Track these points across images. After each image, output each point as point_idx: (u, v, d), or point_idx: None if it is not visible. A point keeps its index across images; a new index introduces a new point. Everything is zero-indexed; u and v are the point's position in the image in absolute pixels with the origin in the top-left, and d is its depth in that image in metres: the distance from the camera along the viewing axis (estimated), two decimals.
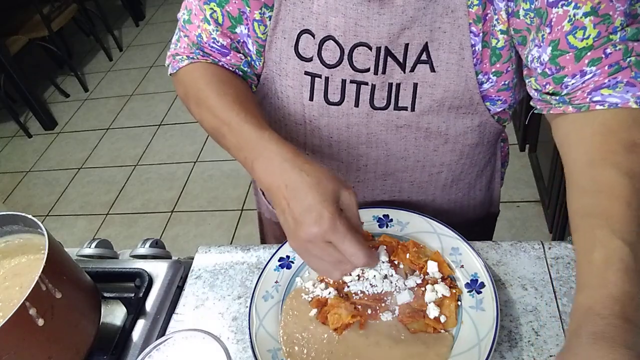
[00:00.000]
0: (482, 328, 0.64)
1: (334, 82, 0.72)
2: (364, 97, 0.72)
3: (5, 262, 0.74)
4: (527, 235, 2.06)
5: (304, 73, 0.72)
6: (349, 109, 0.74)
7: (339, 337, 0.67)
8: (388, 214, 0.81)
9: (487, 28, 0.65)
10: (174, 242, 2.44)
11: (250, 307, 0.70)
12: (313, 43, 0.70)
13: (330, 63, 0.70)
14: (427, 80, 0.69)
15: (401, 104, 0.72)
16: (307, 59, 0.71)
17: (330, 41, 0.69)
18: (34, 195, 2.98)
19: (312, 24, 0.69)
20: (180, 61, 0.77)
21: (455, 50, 0.67)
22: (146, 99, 3.57)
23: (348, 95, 0.73)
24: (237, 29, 0.73)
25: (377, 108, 0.73)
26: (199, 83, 0.74)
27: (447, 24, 0.65)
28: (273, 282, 0.74)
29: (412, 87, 0.70)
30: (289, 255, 0.77)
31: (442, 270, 0.71)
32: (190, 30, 0.75)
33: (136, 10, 4.55)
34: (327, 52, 0.70)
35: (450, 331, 0.65)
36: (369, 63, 0.69)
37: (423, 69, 0.69)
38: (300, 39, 0.70)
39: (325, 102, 0.74)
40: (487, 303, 0.66)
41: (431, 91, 0.70)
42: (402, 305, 0.68)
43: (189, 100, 0.76)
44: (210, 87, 0.72)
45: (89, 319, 0.71)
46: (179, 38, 0.78)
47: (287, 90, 0.75)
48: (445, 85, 0.69)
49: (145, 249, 0.88)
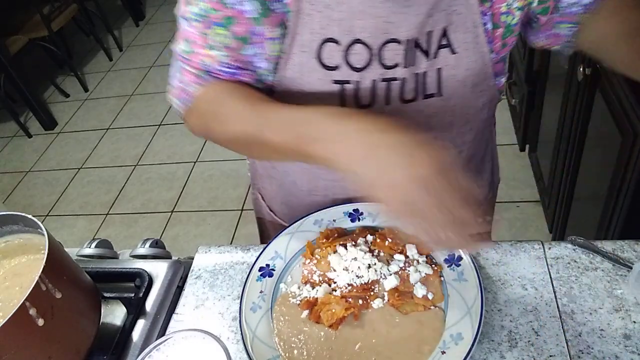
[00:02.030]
0: (468, 297, 0.67)
1: (364, 85, 0.71)
2: (394, 94, 0.72)
3: (5, 262, 0.74)
4: (527, 235, 2.06)
5: (332, 82, 0.70)
6: (380, 108, 0.73)
7: (335, 333, 0.68)
8: (358, 208, 0.83)
9: (496, 9, 0.69)
10: (174, 242, 2.44)
11: (240, 321, 0.70)
12: (338, 50, 0.68)
13: (359, 66, 0.69)
14: (449, 63, 0.71)
15: (428, 91, 0.73)
16: (333, 68, 0.69)
17: (357, 45, 0.68)
18: (34, 195, 2.98)
19: (334, 31, 0.67)
20: (194, 91, 0.71)
21: (470, 29, 0.69)
22: (146, 99, 3.57)
23: (379, 94, 0.72)
24: (244, 51, 0.69)
25: (406, 101, 0.73)
26: (218, 100, 0.69)
27: (461, 6, 0.67)
28: (258, 292, 0.74)
29: (436, 72, 0.72)
30: (268, 264, 0.77)
31: (421, 250, 0.74)
32: (193, 59, 0.70)
33: (136, 10, 4.55)
34: (355, 56, 0.68)
35: (440, 306, 0.69)
36: (398, 58, 0.69)
37: (444, 53, 0.70)
38: (323, 49, 0.68)
39: (357, 106, 0.72)
40: (467, 273, 0.70)
41: (454, 72, 0.72)
42: (390, 290, 0.70)
43: (211, 124, 0.70)
44: (233, 98, 0.68)
45: (89, 319, 0.71)
46: (180, 70, 0.72)
47: (314, 102, 0.70)
48: (466, 65, 0.72)
49: (145, 249, 0.88)
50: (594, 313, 0.67)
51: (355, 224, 0.81)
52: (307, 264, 0.76)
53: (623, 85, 1.15)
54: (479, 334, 0.63)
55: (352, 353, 0.66)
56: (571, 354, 0.63)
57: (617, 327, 0.65)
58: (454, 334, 0.65)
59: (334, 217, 0.82)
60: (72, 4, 3.69)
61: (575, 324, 0.66)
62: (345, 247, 0.75)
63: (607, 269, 0.71)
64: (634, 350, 0.62)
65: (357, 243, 0.75)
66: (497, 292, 0.71)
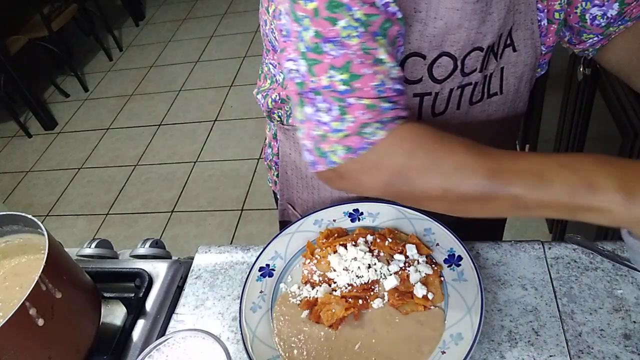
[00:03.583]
0: (468, 297, 0.67)
1: (442, 95, 0.71)
2: (465, 98, 0.73)
3: (5, 262, 0.74)
4: (527, 235, 2.06)
5: (412, 96, 0.69)
6: (452, 114, 0.73)
7: (335, 333, 0.68)
8: (358, 207, 0.83)
9: (550, 6, 0.71)
10: (174, 242, 2.44)
11: (240, 321, 0.70)
12: (423, 64, 0.66)
13: (441, 78, 0.68)
14: (511, 60, 0.73)
15: (492, 90, 0.74)
16: (416, 81, 0.67)
17: (443, 57, 0.66)
18: (34, 195, 2.98)
19: (423, 46, 0.64)
20: (374, 134, 0.54)
21: (528, 26, 0.71)
22: (146, 99, 3.57)
23: (452, 101, 0.72)
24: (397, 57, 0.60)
25: (474, 103, 0.74)
26: (438, 146, 0.54)
27: (522, 4, 0.69)
28: (258, 293, 0.74)
29: (500, 72, 0.73)
30: (268, 264, 0.77)
31: (421, 251, 0.74)
32: (363, 86, 0.54)
33: (136, 10, 4.55)
34: (439, 69, 0.67)
35: (440, 306, 0.69)
36: (477, 64, 0.69)
37: (508, 52, 0.72)
38: (407, 63, 0.65)
39: (432, 115, 0.72)
40: (468, 273, 0.70)
41: (514, 70, 0.73)
42: (390, 290, 0.70)
43: (423, 180, 0.54)
44: (458, 147, 0.54)
45: (89, 319, 0.71)
46: (339, 110, 0.54)
47: None
48: (524, 60, 0.73)
49: (145, 249, 0.88)
50: (594, 313, 0.67)
51: (355, 224, 0.81)
52: (307, 264, 0.76)
53: (623, 85, 1.15)
54: (479, 334, 0.63)
55: (352, 353, 0.66)
56: (571, 354, 0.63)
57: (617, 327, 0.65)
58: (454, 334, 0.65)
59: (334, 217, 0.82)
60: (72, 4, 3.69)
61: (575, 324, 0.66)
62: (345, 247, 0.75)
63: (607, 269, 0.71)
64: (634, 350, 0.62)
65: (357, 243, 0.75)
66: (497, 292, 0.71)
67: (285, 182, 0.95)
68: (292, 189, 0.94)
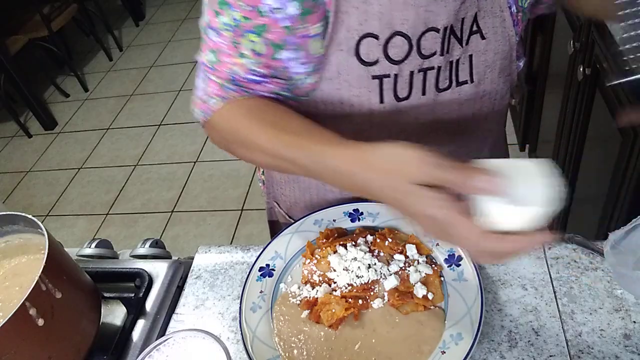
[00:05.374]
0: (468, 297, 0.68)
1: (402, 77, 0.70)
2: (430, 83, 0.72)
3: (5, 262, 0.74)
4: None
5: (371, 78, 0.70)
6: (417, 99, 0.73)
7: (335, 333, 0.68)
8: (358, 207, 0.83)
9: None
10: (174, 242, 2.44)
11: (240, 321, 0.70)
12: (377, 44, 0.67)
13: (398, 59, 0.69)
14: (480, 48, 0.72)
15: (461, 78, 0.74)
16: (372, 63, 0.68)
17: (396, 37, 0.67)
18: (34, 195, 2.98)
19: (373, 26, 0.66)
20: (214, 105, 0.71)
21: (497, 13, 0.71)
22: (146, 99, 3.57)
23: (415, 85, 0.72)
24: (281, 54, 0.67)
25: (441, 90, 0.74)
26: (242, 124, 0.68)
27: None
28: (258, 293, 0.74)
29: (468, 59, 0.73)
30: (268, 264, 0.77)
31: (421, 250, 0.74)
32: (221, 69, 0.69)
33: (136, 10, 4.55)
34: (394, 49, 0.68)
35: (440, 306, 0.69)
36: (436, 46, 0.69)
37: (475, 39, 0.71)
38: (361, 45, 0.67)
39: (395, 99, 0.72)
40: (467, 273, 0.70)
41: (484, 58, 0.73)
42: (390, 290, 0.70)
43: (232, 145, 0.71)
44: (251, 124, 0.67)
45: (89, 319, 0.71)
46: (206, 80, 0.71)
47: (351, 99, 0.72)
48: (495, 48, 0.73)
49: (145, 249, 0.88)
50: (594, 313, 0.67)
51: (355, 224, 0.81)
52: (307, 264, 0.76)
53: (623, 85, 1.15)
54: (479, 334, 0.63)
55: (352, 353, 0.66)
56: (571, 354, 0.63)
57: (617, 327, 0.65)
58: (454, 334, 0.65)
59: (334, 217, 0.82)
60: (72, 4, 3.69)
61: (575, 324, 0.66)
62: (345, 247, 0.75)
63: (607, 269, 0.71)
64: (634, 350, 0.62)
65: (357, 243, 0.75)
66: (497, 292, 0.71)
67: (270, 179, 0.97)
68: (276, 185, 0.96)
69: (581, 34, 1.40)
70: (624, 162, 1.18)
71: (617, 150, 1.20)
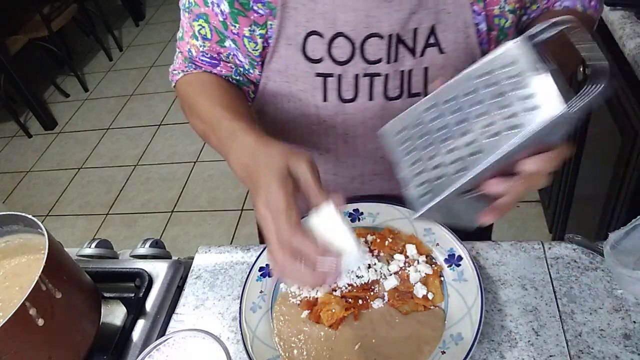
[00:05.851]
0: (468, 297, 0.68)
1: (346, 79, 0.71)
2: (377, 89, 0.72)
3: (5, 262, 0.74)
4: (527, 235, 2.06)
5: (315, 75, 0.71)
6: (363, 103, 0.73)
7: (336, 333, 0.68)
8: (358, 207, 0.83)
9: (489, 11, 0.68)
10: (174, 242, 2.44)
11: (240, 321, 0.70)
12: (322, 43, 0.69)
13: (342, 60, 0.70)
14: (437, 62, 0.70)
15: (414, 90, 0.73)
16: (317, 61, 0.70)
17: (340, 38, 0.68)
18: (34, 195, 2.98)
19: (318, 24, 0.68)
20: (177, 75, 0.80)
21: (461, 29, 0.69)
22: (146, 99, 3.57)
23: (362, 90, 0.72)
24: (225, 43, 0.73)
25: (391, 99, 0.73)
26: (189, 91, 0.77)
27: (451, 5, 0.67)
28: (258, 293, 0.74)
29: (423, 72, 0.71)
30: (268, 264, 0.77)
31: (421, 250, 0.74)
32: (182, 46, 0.78)
33: (136, 10, 4.55)
34: (338, 50, 0.69)
35: (440, 306, 0.69)
36: (381, 53, 0.69)
37: (432, 52, 0.70)
38: (307, 42, 0.69)
39: (340, 100, 0.73)
40: (467, 273, 0.70)
41: (442, 72, 0.71)
42: (390, 290, 0.70)
43: (184, 110, 0.78)
44: (198, 94, 0.74)
45: (89, 319, 0.71)
46: (177, 55, 0.81)
47: (299, 94, 0.74)
48: (455, 65, 0.71)
49: (145, 249, 0.88)
50: (594, 313, 0.67)
51: (355, 224, 0.81)
52: None
53: (623, 85, 1.15)
54: (479, 334, 0.63)
55: (352, 353, 0.66)
56: (571, 354, 0.63)
57: (617, 327, 0.65)
58: (454, 334, 0.65)
59: None
60: (72, 4, 3.69)
61: (575, 324, 0.66)
62: None
63: (607, 269, 0.71)
64: (634, 350, 0.62)
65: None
66: (497, 292, 0.71)
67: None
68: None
69: None
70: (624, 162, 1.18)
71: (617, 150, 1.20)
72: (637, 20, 1.12)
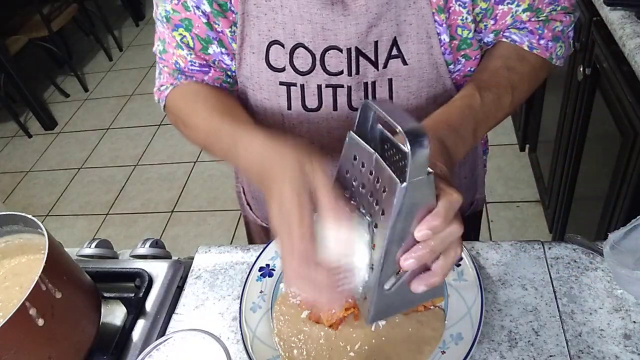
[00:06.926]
0: (468, 297, 0.68)
1: (309, 89, 0.71)
2: (341, 100, 0.72)
3: (5, 262, 0.74)
4: (527, 235, 2.06)
5: (278, 84, 0.72)
6: (328, 113, 0.74)
7: (335, 333, 0.68)
8: None
9: (452, 21, 0.68)
10: (174, 242, 2.44)
11: (240, 321, 0.70)
12: (283, 53, 0.69)
13: (303, 70, 0.70)
14: (401, 74, 0.70)
15: None
16: (280, 70, 0.71)
17: (300, 49, 0.69)
18: (34, 195, 2.98)
19: (279, 34, 0.68)
20: (165, 90, 0.78)
21: (424, 39, 0.68)
22: (146, 99, 3.57)
23: (325, 100, 0.72)
24: (209, 50, 0.73)
25: (356, 109, 0.72)
26: (181, 104, 0.75)
27: (412, 16, 0.67)
28: (258, 292, 0.74)
29: (387, 83, 0.71)
30: (268, 264, 0.77)
31: None
32: (167, 59, 0.76)
33: (136, 10, 4.55)
34: (299, 60, 0.70)
35: (440, 306, 0.69)
36: (342, 65, 0.69)
37: (395, 64, 0.70)
38: (270, 50, 0.70)
39: (304, 109, 0.73)
40: (467, 274, 0.70)
41: (406, 84, 0.71)
42: None
43: (178, 125, 0.77)
44: (192, 104, 0.73)
45: (89, 319, 0.71)
46: (160, 71, 0.79)
47: (264, 102, 0.74)
48: (419, 76, 0.71)
49: (145, 249, 0.88)
50: (594, 313, 0.67)
51: None
52: None
53: (623, 85, 1.15)
54: (479, 334, 0.63)
55: (352, 353, 0.66)
56: (571, 354, 0.63)
57: (617, 327, 0.65)
58: (454, 334, 0.65)
59: None
60: (72, 4, 3.69)
61: (575, 324, 0.66)
62: None
63: (607, 269, 0.71)
64: (634, 350, 0.62)
65: None
66: (497, 292, 0.71)
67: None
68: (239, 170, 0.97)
69: (581, 34, 1.40)
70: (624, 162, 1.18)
71: (617, 150, 1.20)
72: (637, 20, 1.11)
